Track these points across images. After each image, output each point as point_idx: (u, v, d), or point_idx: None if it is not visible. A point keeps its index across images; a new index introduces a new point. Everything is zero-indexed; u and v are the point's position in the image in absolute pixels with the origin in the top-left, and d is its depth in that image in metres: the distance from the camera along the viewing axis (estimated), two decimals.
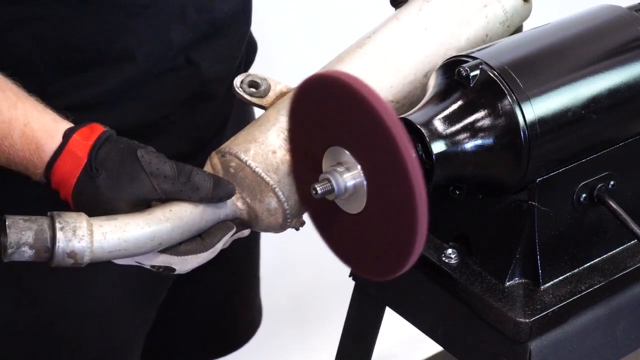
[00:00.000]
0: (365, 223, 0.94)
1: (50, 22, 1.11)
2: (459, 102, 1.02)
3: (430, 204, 0.88)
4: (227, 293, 1.51)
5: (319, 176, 0.95)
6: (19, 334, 1.25)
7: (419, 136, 1.01)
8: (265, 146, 1.02)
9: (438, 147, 1.01)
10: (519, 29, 1.20)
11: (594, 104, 1.05)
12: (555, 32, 1.10)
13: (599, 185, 1.08)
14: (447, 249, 1.11)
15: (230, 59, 1.26)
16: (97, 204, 0.97)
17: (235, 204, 1.02)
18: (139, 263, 1.00)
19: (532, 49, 1.07)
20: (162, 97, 1.19)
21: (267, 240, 1.74)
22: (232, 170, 1.02)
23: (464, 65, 1.02)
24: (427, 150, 1.00)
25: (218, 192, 0.99)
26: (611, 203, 1.08)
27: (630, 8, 1.13)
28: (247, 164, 1.01)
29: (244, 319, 1.57)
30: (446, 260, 1.10)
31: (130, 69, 1.15)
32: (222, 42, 1.23)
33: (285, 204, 1.02)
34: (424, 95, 1.08)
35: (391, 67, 1.09)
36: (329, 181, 0.94)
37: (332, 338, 1.36)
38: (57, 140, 0.99)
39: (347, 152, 0.93)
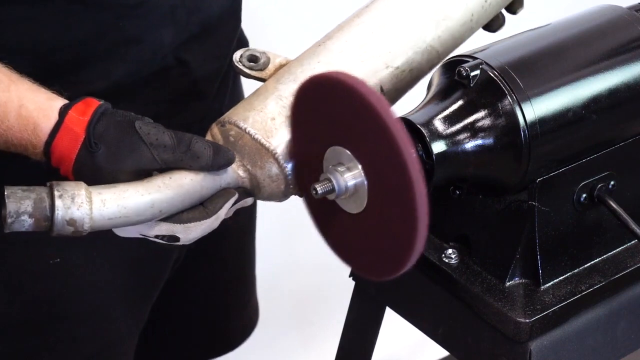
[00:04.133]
0: (365, 223, 0.94)
1: (37, 23, 1.10)
2: (459, 102, 1.02)
3: (430, 204, 0.88)
4: (222, 292, 1.51)
5: (319, 176, 0.95)
6: (10, 333, 1.25)
7: (419, 136, 1.01)
8: (264, 114, 1.01)
9: (438, 147, 1.01)
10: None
11: (594, 104, 1.05)
12: (555, 32, 1.10)
13: (599, 185, 1.08)
14: (447, 249, 1.11)
15: (220, 58, 1.26)
16: (98, 178, 0.97)
17: (237, 172, 1.01)
18: (142, 235, 0.99)
19: (532, 49, 1.07)
20: (152, 96, 1.19)
21: (267, 241, 1.74)
22: (231, 139, 1.01)
23: (464, 65, 1.02)
24: (427, 150, 1.01)
25: (218, 159, 0.99)
26: (611, 203, 1.08)
27: (630, 8, 1.13)
28: (247, 131, 1.00)
29: (239, 319, 1.57)
30: (446, 260, 1.10)
31: (118, 70, 1.15)
32: (211, 42, 1.23)
33: (287, 169, 1.01)
34: (427, 63, 1.08)
35: (388, 33, 1.08)
36: (330, 181, 0.94)
37: (333, 338, 1.36)
38: (53, 118, 0.98)
39: (347, 151, 0.93)
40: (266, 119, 1.01)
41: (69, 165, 0.98)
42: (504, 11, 1.18)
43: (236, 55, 1.08)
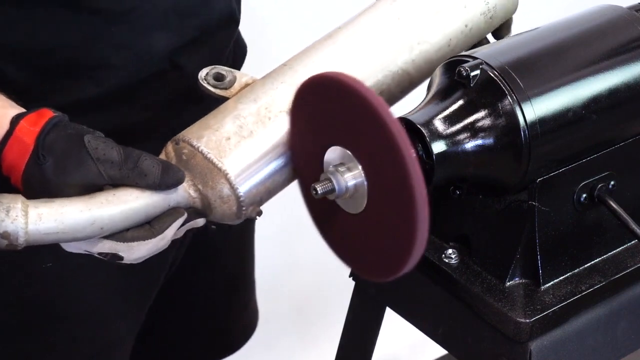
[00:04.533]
0: (366, 223, 0.94)
1: (27, 26, 1.10)
2: (459, 102, 1.02)
3: (430, 204, 0.88)
4: (221, 295, 1.51)
5: (319, 176, 0.95)
6: (8, 335, 1.25)
7: (419, 136, 1.01)
8: (219, 133, 1.00)
9: (438, 147, 1.01)
10: (507, 23, 1.18)
11: (594, 104, 1.05)
12: (555, 32, 1.10)
13: (599, 185, 1.08)
14: (447, 249, 1.11)
15: (216, 62, 1.26)
16: (46, 190, 0.96)
17: (188, 192, 0.99)
18: (85, 250, 0.98)
19: (532, 49, 1.07)
20: (148, 100, 1.19)
21: (267, 241, 1.74)
22: (184, 158, 1.00)
23: (464, 65, 1.02)
24: (428, 150, 1.00)
25: (166, 178, 0.97)
26: (611, 203, 1.08)
27: (630, 8, 1.13)
28: (199, 150, 0.99)
29: (239, 321, 1.56)
30: (446, 260, 1.10)
31: (110, 75, 1.15)
32: (208, 46, 1.22)
33: (239, 190, 0.99)
34: (398, 87, 1.07)
35: (358, 54, 1.07)
36: (330, 181, 0.94)
37: (333, 338, 1.36)
38: (5, 127, 0.97)
39: (348, 152, 0.93)
40: (221, 138, 1.00)
41: (18, 175, 0.97)
42: (490, 37, 1.18)
43: (202, 73, 1.07)
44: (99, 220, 0.95)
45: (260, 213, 1.02)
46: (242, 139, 1.00)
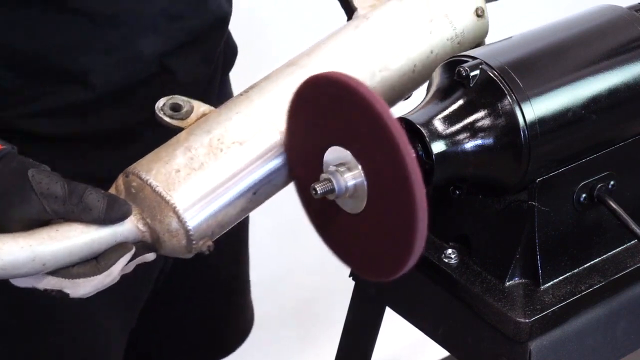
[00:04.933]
0: (365, 223, 0.94)
1: (17, 29, 1.10)
2: (459, 102, 1.02)
3: (430, 204, 0.88)
4: (217, 297, 1.50)
5: (319, 176, 0.95)
6: (8, 335, 1.25)
7: (418, 136, 1.01)
8: (169, 165, 0.98)
9: (438, 147, 1.01)
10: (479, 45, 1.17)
11: (594, 104, 1.05)
12: (555, 32, 1.10)
13: (599, 185, 1.08)
14: (447, 249, 1.11)
15: (206, 64, 1.25)
16: None
17: (136, 226, 0.97)
18: (32, 286, 0.95)
19: (532, 49, 1.07)
20: (138, 103, 1.18)
21: (267, 241, 1.74)
22: (133, 190, 0.97)
23: (463, 65, 1.02)
24: (427, 150, 1.00)
25: (111, 213, 0.95)
26: (611, 203, 1.08)
27: (630, 8, 1.13)
28: (148, 182, 0.97)
29: (234, 324, 1.56)
30: (446, 260, 1.10)
31: (102, 78, 1.15)
32: (198, 49, 1.22)
33: (187, 224, 0.97)
34: None
35: None
36: (330, 181, 0.94)
37: (333, 338, 1.36)
38: None
39: (347, 152, 0.93)
40: (171, 170, 0.97)
41: None
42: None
43: (159, 104, 1.04)
44: (39, 256, 0.92)
45: (211, 247, 1.00)
46: (193, 171, 0.98)
